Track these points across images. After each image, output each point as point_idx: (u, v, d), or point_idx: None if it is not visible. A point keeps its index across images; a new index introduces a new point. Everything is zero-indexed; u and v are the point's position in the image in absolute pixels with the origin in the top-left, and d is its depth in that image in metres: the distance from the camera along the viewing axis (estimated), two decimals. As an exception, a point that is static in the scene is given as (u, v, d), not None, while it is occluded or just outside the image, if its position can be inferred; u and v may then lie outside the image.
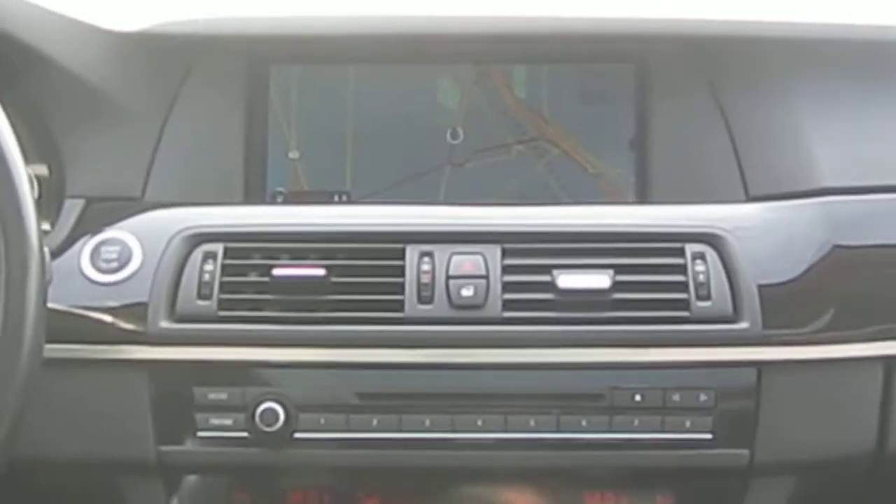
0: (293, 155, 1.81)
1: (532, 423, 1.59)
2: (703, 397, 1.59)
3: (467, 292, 1.58)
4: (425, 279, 1.59)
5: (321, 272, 1.58)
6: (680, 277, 1.60)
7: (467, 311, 1.58)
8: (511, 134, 1.81)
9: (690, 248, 1.61)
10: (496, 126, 1.81)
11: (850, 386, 1.63)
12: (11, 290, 1.33)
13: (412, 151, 1.81)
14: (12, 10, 1.63)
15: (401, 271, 1.60)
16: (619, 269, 1.59)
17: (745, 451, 1.60)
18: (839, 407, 1.63)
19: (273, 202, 1.79)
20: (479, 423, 1.59)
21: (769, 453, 1.61)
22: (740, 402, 1.60)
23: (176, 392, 1.60)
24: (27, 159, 1.39)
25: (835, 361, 1.61)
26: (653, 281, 1.60)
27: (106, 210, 1.67)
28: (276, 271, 1.59)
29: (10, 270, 1.33)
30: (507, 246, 1.61)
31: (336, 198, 1.81)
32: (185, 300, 1.59)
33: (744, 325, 1.58)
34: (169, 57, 1.76)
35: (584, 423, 1.59)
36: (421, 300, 1.59)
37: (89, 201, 1.68)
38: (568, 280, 1.58)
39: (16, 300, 1.33)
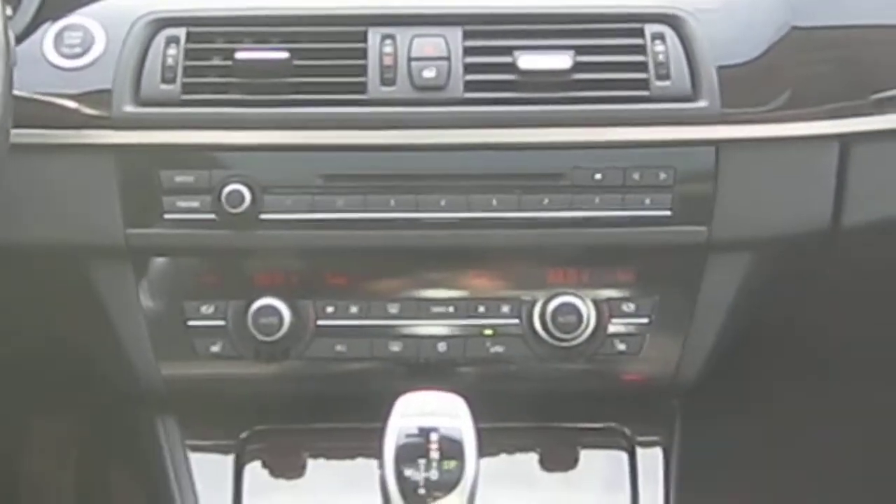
0: None
1: (494, 202, 1.60)
2: (662, 175, 1.60)
3: (429, 74, 1.58)
4: (387, 61, 1.58)
5: (284, 55, 1.57)
6: (640, 58, 1.60)
7: (429, 93, 1.58)
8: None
9: (650, 29, 1.60)
10: None
11: (807, 164, 1.65)
12: None
13: None
14: None
15: (363, 54, 1.59)
16: (579, 49, 1.58)
17: (703, 228, 1.62)
18: (796, 185, 1.65)
19: None
20: (442, 202, 1.60)
21: (726, 230, 1.63)
22: (699, 180, 1.62)
23: (142, 176, 1.60)
24: (-14, -58, 1.35)
25: (792, 139, 1.62)
26: (613, 61, 1.60)
27: None
28: (239, 55, 1.57)
29: None
30: (469, 28, 1.60)
31: (298, -19, 1.77)
32: (149, 84, 1.59)
33: (702, 103, 1.59)
34: None
35: (545, 201, 1.60)
36: (383, 82, 1.58)
37: None
38: (529, 61, 1.57)
39: None
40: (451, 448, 1.37)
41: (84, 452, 2.19)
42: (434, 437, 1.37)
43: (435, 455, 1.36)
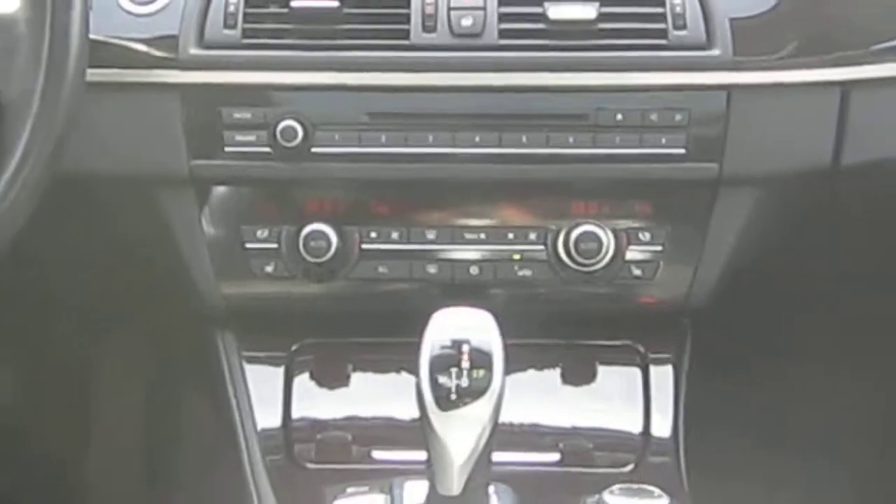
0: None
1: (524, 139, 1.64)
2: (677, 117, 1.63)
3: (467, 22, 1.61)
4: (429, 10, 1.61)
5: (335, 3, 1.61)
6: (659, 9, 1.63)
7: (467, 39, 1.61)
8: None
9: None
10: None
11: (811, 108, 1.67)
12: (57, 15, 1.37)
13: None
14: None
15: (407, 3, 1.62)
16: (604, 1, 1.61)
17: (715, 165, 1.65)
18: (800, 127, 1.68)
19: None
20: (477, 139, 1.64)
21: (736, 166, 1.66)
22: (711, 121, 1.64)
23: (205, 112, 1.64)
24: None
25: (797, 85, 1.65)
26: (634, 12, 1.63)
27: None
28: (295, 3, 1.61)
29: None
30: None
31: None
32: (213, 29, 1.62)
33: (716, 52, 1.62)
34: None
35: (570, 139, 1.64)
36: (425, 29, 1.61)
37: None
38: (558, 11, 1.61)
39: (61, 23, 1.37)
40: (481, 359, 1.37)
41: (151, 363, 2.21)
42: (465, 348, 1.37)
43: (466, 365, 1.36)
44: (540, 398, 1.77)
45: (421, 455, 1.42)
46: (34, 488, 2.15)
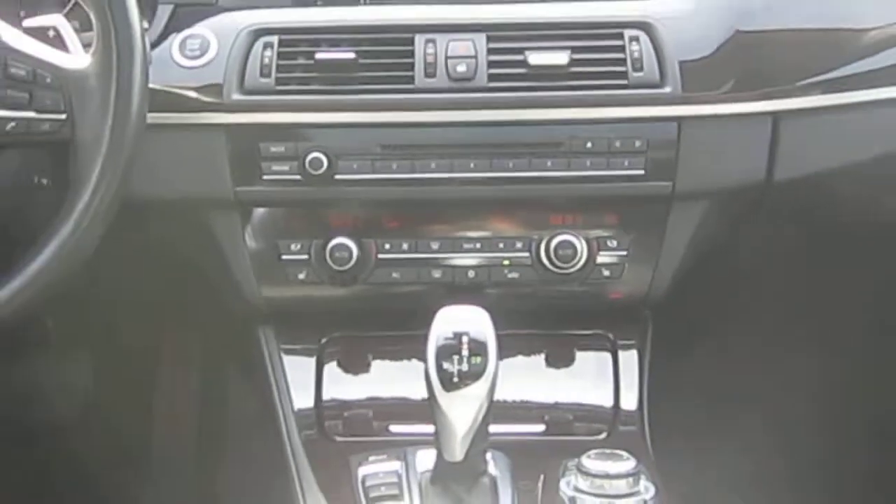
0: None
1: (510, 164, 1.75)
2: (637, 143, 1.75)
3: (462, 68, 1.73)
4: (430, 59, 1.73)
5: (352, 55, 1.73)
6: (620, 55, 1.74)
7: (462, 83, 1.73)
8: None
9: (628, 33, 1.76)
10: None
11: (747, 134, 1.79)
12: (122, 69, 1.49)
13: None
14: None
15: (411, 54, 1.74)
16: (574, 49, 1.73)
17: (669, 183, 1.77)
18: (738, 150, 1.79)
19: (314, 4, 1.90)
20: (472, 165, 1.76)
21: (686, 184, 1.77)
22: (665, 147, 1.76)
23: (246, 147, 1.75)
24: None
25: (735, 116, 1.77)
26: (600, 58, 1.75)
27: (189, 13, 1.81)
28: (318, 55, 1.73)
29: (121, 55, 1.49)
30: (491, 33, 1.76)
31: (361, 1, 1.92)
32: (251, 78, 1.74)
33: (668, 89, 1.74)
34: None
35: (549, 164, 1.76)
36: (427, 75, 1.73)
37: (176, 6, 1.82)
38: (536, 58, 1.73)
39: (126, 76, 1.49)
40: (478, 347, 1.46)
41: (205, 355, 2.34)
42: (465, 339, 1.45)
43: (465, 352, 1.45)
44: (527, 379, 1.87)
45: (429, 428, 1.52)
46: (107, 454, 2.25)
